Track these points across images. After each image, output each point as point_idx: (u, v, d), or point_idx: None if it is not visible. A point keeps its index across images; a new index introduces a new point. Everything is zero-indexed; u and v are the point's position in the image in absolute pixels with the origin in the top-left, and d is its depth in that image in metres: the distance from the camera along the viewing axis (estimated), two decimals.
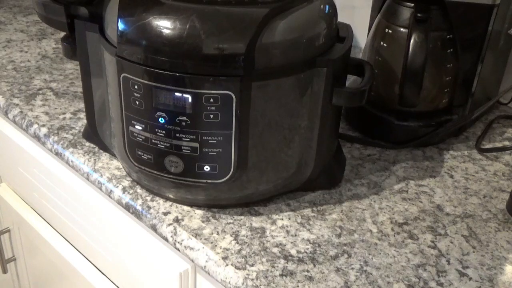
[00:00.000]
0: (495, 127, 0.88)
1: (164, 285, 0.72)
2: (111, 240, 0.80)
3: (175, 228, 0.64)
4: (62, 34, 0.69)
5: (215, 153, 0.60)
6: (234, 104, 0.57)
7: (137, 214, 0.68)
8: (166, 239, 0.65)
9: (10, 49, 1.06)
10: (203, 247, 0.61)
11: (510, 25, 0.82)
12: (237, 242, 0.62)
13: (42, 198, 0.94)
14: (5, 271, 1.16)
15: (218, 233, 0.63)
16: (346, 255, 0.61)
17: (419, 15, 0.74)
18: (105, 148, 0.75)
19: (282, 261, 0.60)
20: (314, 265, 0.60)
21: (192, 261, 0.63)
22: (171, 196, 0.67)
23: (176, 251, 0.69)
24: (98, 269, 0.89)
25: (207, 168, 0.61)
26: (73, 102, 0.88)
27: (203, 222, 0.65)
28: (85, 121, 0.79)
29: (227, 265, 0.59)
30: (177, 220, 0.65)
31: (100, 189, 0.72)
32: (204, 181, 0.62)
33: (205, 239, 0.62)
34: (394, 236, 0.64)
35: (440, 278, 0.59)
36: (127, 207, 0.69)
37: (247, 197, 0.66)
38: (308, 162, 0.67)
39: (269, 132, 0.61)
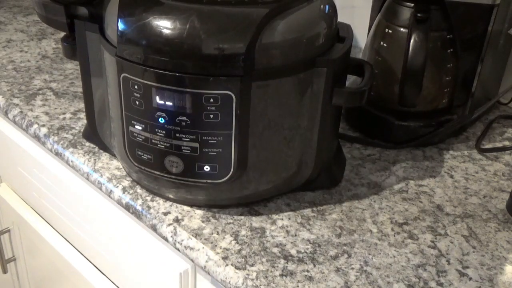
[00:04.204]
0: (495, 127, 0.88)
1: (164, 285, 0.72)
2: (111, 240, 0.80)
3: (175, 228, 0.64)
4: (62, 34, 0.69)
5: (215, 153, 0.60)
6: (234, 104, 0.57)
7: (137, 214, 0.68)
8: (166, 239, 0.65)
9: (10, 49, 1.06)
10: (203, 247, 0.61)
11: (510, 25, 0.82)
12: (237, 242, 0.62)
13: (42, 198, 0.94)
14: (5, 271, 1.16)
15: (218, 233, 0.63)
16: (346, 255, 0.61)
17: (419, 15, 0.74)
18: (105, 148, 0.75)
19: (282, 261, 0.60)
20: (314, 265, 0.60)
21: (192, 261, 0.63)
22: (171, 196, 0.67)
23: (176, 251, 0.69)
24: (98, 269, 0.89)
25: (207, 168, 0.61)
26: (73, 102, 0.88)
27: (203, 222, 0.65)
28: (85, 121, 0.79)
29: (227, 265, 0.59)
30: (177, 220, 0.65)
31: (100, 189, 0.72)
32: (204, 181, 0.62)
33: (205, 239, 0.62)
34: (394, 236, 0.64)
35: (440, 278, 0.59)
36: (127, 207, 0.69)
37: (247, 197, 0.66)
38: (308, 162, 0.67)
39: (269, 132, 0.61)
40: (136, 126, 0.61)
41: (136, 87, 0.58)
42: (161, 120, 0.59)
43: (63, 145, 0.78)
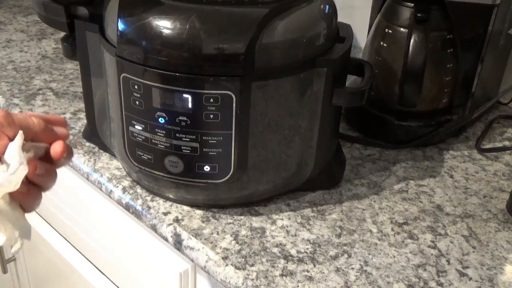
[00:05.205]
0: (495, 127, 0.88)
1: (164, 285, 0.72)
2: (111, 240, 0.80)
3: (175, 228, 0.64)
4: (62, 34, 0.69)
5: (215, 153, 0.60)
6: (234, 104, 0.57)
7: (137, 214, 0.68)
8: (166, 239, 0.65)
9: (10, 49, 1.06)
10: (203, 247, 0.61)
11: (510, 25, 0.82)
12: (237, 242, 0.62)
13: (42, 198, 0.94)
14: (5, 271, 1.16)
15: (218, 233, 0.63)
16: (346, 255, 0.61)
17: (419, 15, 0.74)
18: (105, 148, 0.75)
19: (282, 261, 0.60)
20: (314, 265, 0.60)
21: (192, 261, 0.63)
22: (171, 196, 0.67)
23: (176, 251, 0.69)
24: (98, 269, 0.89)
25: (207, 168, 0.61)
26: (73, 102, 0.88)
27: (203, 222, 0.65)
28: (85, 121, 0.79)
29: (227, 265, 0.59)
30: (177, 220, 0.65)
31: (100, 189, 0.72)
32: (204, 181, 0.62)
33: (205, 239, 0.62)
34: (394, 236, 0.64)
35: (440, 278, 0.59)
36: (127, 207, 0.69)
37: (247, 197, 0.66)
38: (308, 162, 0.67)
39: (269, 132, 0.61)
40: (136, 126, 0.61)
41: (136, 87, 0.58)
42: (161, 120, 0.59)
43: None
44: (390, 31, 0.79)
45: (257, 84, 0.57)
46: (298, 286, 0.57)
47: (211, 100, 0.57)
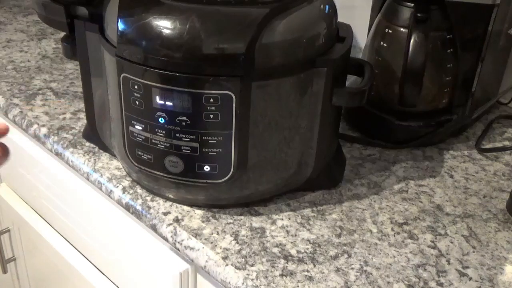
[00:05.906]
0: (495, 127, 0.88)
1: (164, 285, 0.72)
2: (111, 240, 0.80)
3: (175, 228, 0.64)
4: (62, 34, 0.69)
5: (215, 153, 0.60)
6: (234, 104, 0.57)
7: (137, 214, 0.68)
8: (166, 239, 0.65)
9: (10, 49, 1.06)
10: (203, 247, 0.61)
11: (510, 25, 0.82)
12: (237, 242, 0.62)
13: (42, 198, 0.94)
14: (5, 271, 1.16)
15: (218, 233, 0.63)
16: (346, 255, 0.61)
17: (419, 15, 0.74)
18: (105, 148, 0.75)
19: (282, 261, 0.60)
20: (314, 265, 0.60)
21: (192, 261, 0.63)
22: (171, 196, 0.67)
23: (176, 251, 0.69)
24: (98, 269, 0.89)
25: (207, 168, 0.61)
26: (73, 102, 0.88)
27: (203, 222, 0.65)
28: (85, 121, 0.79)
29: (227, 265, 0.59)
30: (177, 220, 0.65)
31: (100, 189, 0.72)
32: (204, 181, 0.62)
33: (205, 239, 0.62)
34: (394, 236, 0.64)
35: (440, 278, 0.59)
36: (127, 207, 0.69)
37: (247, 197, 0.66)
38: (308, 162, 0.67)
39: (269, 132, 0.61)
40: (136, 126, 0.61)
41: (136, 87, 0.58)
42: (161, 120, 0.59)
43: (63, 145, 0.78)
44: (390, 31, 0.79)
45: (257, 84, 0.57)
46: (298, 286, 0.57)
47: (211, 100, 0.57)
